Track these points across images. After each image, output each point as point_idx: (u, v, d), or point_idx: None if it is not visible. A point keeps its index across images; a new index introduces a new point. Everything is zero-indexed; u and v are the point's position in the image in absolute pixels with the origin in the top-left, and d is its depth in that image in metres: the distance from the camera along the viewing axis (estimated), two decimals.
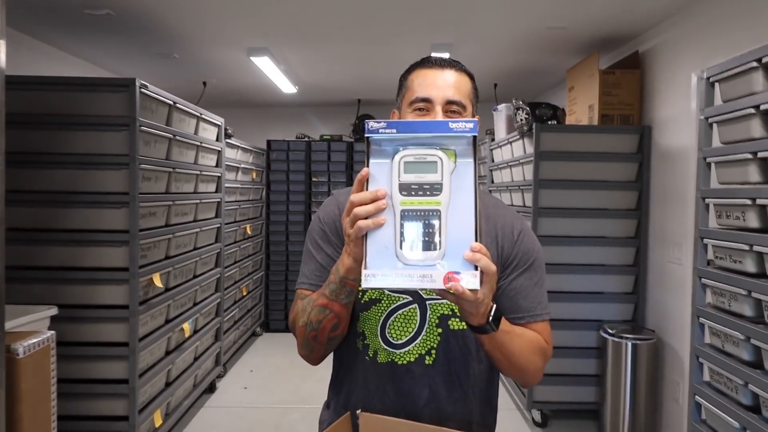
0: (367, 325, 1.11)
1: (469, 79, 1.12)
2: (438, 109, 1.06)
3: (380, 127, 0.85)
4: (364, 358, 1.11)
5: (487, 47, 3.67)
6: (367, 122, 0.85)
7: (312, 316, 1.03)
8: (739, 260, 1.77)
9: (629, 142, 3.19)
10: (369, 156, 0.86)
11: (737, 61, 1.76)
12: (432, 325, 1.09)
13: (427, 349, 1.09)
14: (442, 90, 1.07)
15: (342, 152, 5.50)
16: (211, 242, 3.62)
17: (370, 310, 1.10)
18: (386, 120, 0.86)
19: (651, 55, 3.21)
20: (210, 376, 3.66)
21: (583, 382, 3.22)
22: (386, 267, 0.82)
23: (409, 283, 0.82)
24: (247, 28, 3.31)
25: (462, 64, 1.13)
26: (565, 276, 3.20)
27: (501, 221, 1.13)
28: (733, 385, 1.77)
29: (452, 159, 0.84)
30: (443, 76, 1.09)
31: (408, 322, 1.09)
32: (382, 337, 1.10)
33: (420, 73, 1.11)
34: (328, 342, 1.06)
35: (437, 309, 1.09)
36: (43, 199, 2.47)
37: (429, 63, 1.11)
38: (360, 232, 0.84)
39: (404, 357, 1.09)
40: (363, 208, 0.83)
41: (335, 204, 1.16)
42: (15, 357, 1.73)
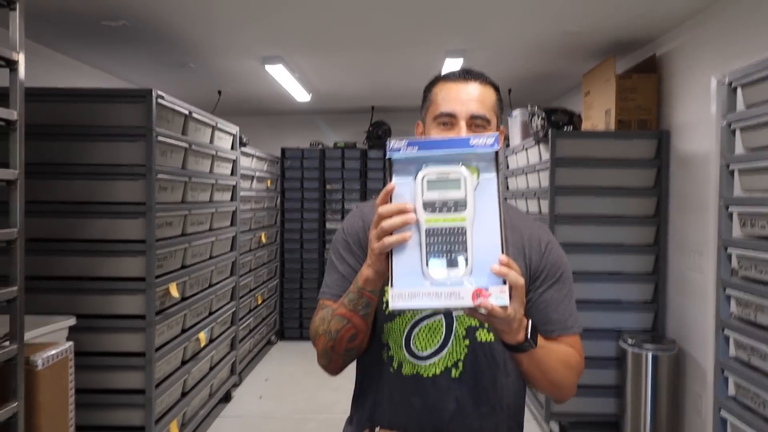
0: (391, 336, 1.09)
1: (493, 90, 1.12)
2: (462, 124, 1.06)
3: (401, 146, 0.85)
4: (388, 370, 1.10)
5: (501, 52, 3.65)
6: (388, 142, 0.86)
7: (331, 325, 1.02)
8: (766, 270, 1.73)
9: (647, 148, 3.14)
10: (392, 175, 0.86)
11: (761, 65, 1.72)
12: (459, 337, 1.07)
13: (453, 361, 1.07)
14: (465, 104, 1.07)
15: (356, 159, 5.50)
16: (227, 251, 3.63)
17: (394, 320, 1.09)
18: (407, 138, 0.85)
19: (668, 59, 3.16)
20: (225, 386, 3.66)
21: (602, 393, 3.16)
22: (413, 286, 0.82)
23: (437, 302, 0.81)
24: (261, 37, 3.32)
25: (486, 76, 1.12)
26: (583, 284, 3.15)
27: (527, 233, 1.12)
28: (760, 401, 1.72)
29: (475, 174, 0.84)
30: (467, 90, 1.08)
31: (434, 334, 1.08)
32: (407, 349, 1.08)
33: (444, 86, 1.10)
34: (346, 353, 1.04)
35: (464, 320, 1.08)
36: (61, 209, 2.49)
37: (453, 76, 1.11)
38: (385, 248, 0.84)
39: (430, 369, 1.07)
40: (390, 222, 0.83)
41: (360, 216, 1.16)
42: (34, 369, 1.74)
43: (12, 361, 1.60)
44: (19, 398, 1.61)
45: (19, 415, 1.61)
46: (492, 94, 1.11)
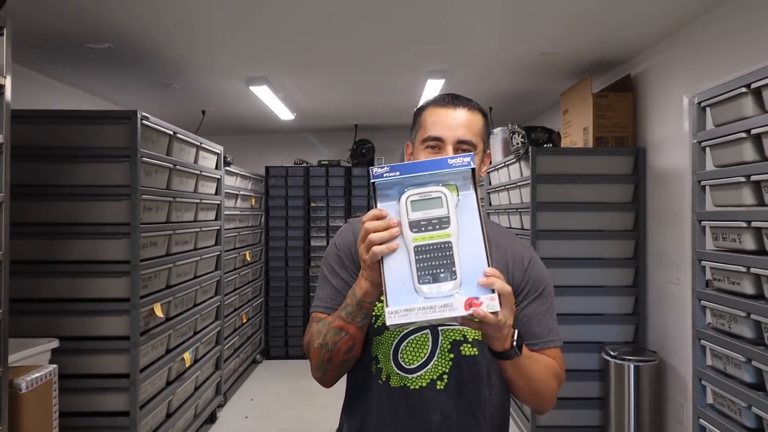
0: (380, 350, 1.13)
1: (481, 116, 1.16)
2: (449, 148, 1.11)
3: (384, 171, 0.90)
4: (377, 381, 1.13)
5: (481, 73, 3.74)
6: (371, 169, 0.91)
7: (328, 338, 1.05)
8: (737, 282, 1.79)
9: (624, 164, 3.23)
10: (376, 200, 0.92)
11: (727, 86, 1.80)
12: (444, 351, 1.11)
13: (438, 374, 1.11)
14: (453, 130, 1.11)
15: (340, 177, 5.54)
16: (211, 270, 3.62)
17: (383, 335, 1.13)
18: (389, 165, 0.91)
19: (643, 78, 3.27)
20: (211, 406, 3.63)
21: (586, 405, 3.20)
22: (407, 303, 0.86)
23: (431, 315, 0.85)
24: (244, 57, 3.37)
25: (474, 103, 1.16)
26: (565, 298, 3.20)
27: (511, 249, 1.17)
28: (736, 408, 1.77)
29: (455, 193, 0.89)
30: (455, 116, 1.12)
31: (420, 348, 1.11)
32: (395, 362, 1.12)
33: (433, 112, 1.15)
34: (342, 364, 1.07)
35: (449, 335, 1.11)
36: (45, 231, 2.48)
37: (443, 101, 1.15)
38: (375, 257, 0.89)
39: (416, 382, 1.11)
40: (377, 235, 0.89)
41: (351, 231, 1.19)
42: (17, 392, 1.72)
43: None
44: (2, 422, 1.60)
45: None
46: (479, 120, 1.15)
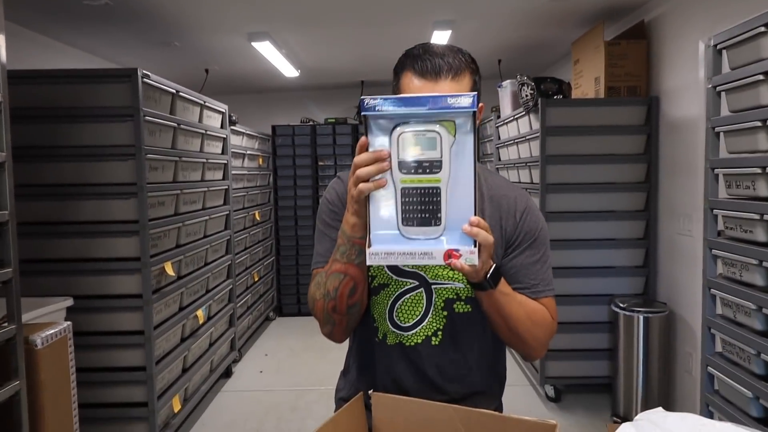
0: (376, 309, 1.14)
1: (469, 77, 1.04)
2: None
3: (376, 104, 0.84)
4: (374, 338, 1.16)
5: (489, 23, 3.62)
6: (362, 99, 0.84)
7: (329, 285, 1.04)
8: (750, 230, 1.76)
9: (637, 114, 3.15)
10: (367, 132, 0.86)
11: (744, 27, 1.72)
12: (438, 308, 1.12)
13: (433, 330, 1.12)
14: None
15: (347, 135, 5.48)
16: (221, 229, 3.64)
17: (379, 294, 1.14)
18: (383, 96, 0.84)
19: (657, 24, 3.15)
20: (225, 362, 3.71)
21: (595, 356, 3.24)
22: (389, 243, 0.85)
23: (410, 260, 0.85)
24: (246, 13, 3.28)
25: (458, 63, 1.03)
26: (575, 251, 3.19)
27: (505, 204, 1.13)
28: (745, 355, 1.77)
29: (452, 132, 0.84)
30: (438, 90, 1.00)
31: (415, 306, 1.12)
32: (390, 321, 1.13)
33: (413, 81, 1.03)
34: (348, 311, 1.06)
35: (442, 293, 1.12)
36: (52, 192, 2.49)
37: (422, 71, 1.02)
38: (362, 194, 0.86)
39: (412, 339, 1.13)
40: (364, 170, 0.85)
41: (341, 184, 1.18)
42: (34, 348, 1.76)
43: (11, 340, 1.62)
44: (20, 377, 1.64)
45: (22, 394, 1.64)
46: (466, 84, 1.04)
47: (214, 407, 3.41)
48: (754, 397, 1.71)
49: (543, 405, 3.31)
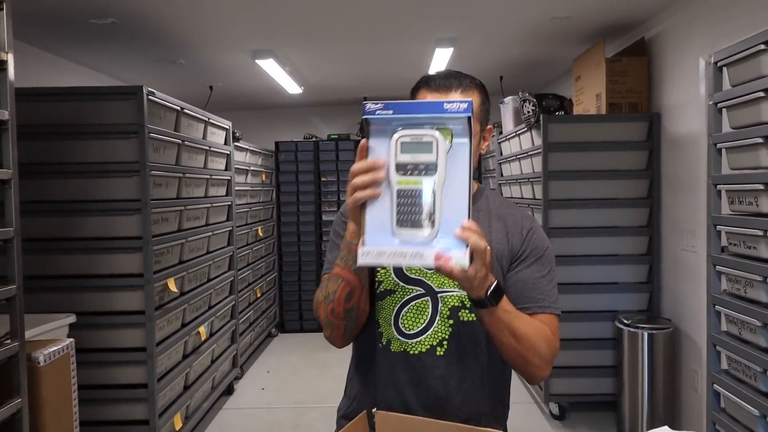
0: (381, 315, 1.15)
1: (477, 94, 1.14)
2: None
3: (377, 108, 0.88)
4: (378, 346, 1.16)
5: (491, 40, 3.65)
6: (365, 104, 0.88)
7: (329, 288, 1.08)
8: (754, 246, 1.75)
9: (638, 130, 3.16)
10: (368, 136, 0.90)
11: (744, 44, 1.74)
12: (443, 317, 1.12)
13: (438, 340, 1.12)
14: None
15: (350, 151, 5.50)
16: (224, 245, 3.65)
17: (384, 300, 1.15)
18: (383, 101, 0.88)
19: (658, 41, 3.17)
20: (228, 378, 3.69)
21: (600, 373, 3.21)
22: (383, 244, 0.86)
23: (401, 261, 0.87)
24: (250, 31, 3.32)
25: (469, 81, 1.14)
26: (578, 267, 3.18)
27: (511, 220, 1.18)
28: (751, 373, 1.76)
29: (448, 138, 0.86)
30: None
31: (420, 314, 1.13)
32: (396, 327, 1.14)
33: (427, 95, 1.14)
34: (346, 314, 1.08)
35: (448, 301, 1.13)
36: (56, 208, 2.50)
37: (434, 85, 1.13)
38: (356, 202, 0.88)
39: (416, 347, 1.13)
40: (360, 179, 0.87)
41: None
42: (36, 365, 1.76)
43: (14, 358, 1.62)
44: (22, 394, 1.63)
45: (24, 411, 1.64)
46: (475, 99, 1.12)
47: (215, 425, 3.38)
48: (761, 416, 1.69)
49: (548, 423, 3.28)
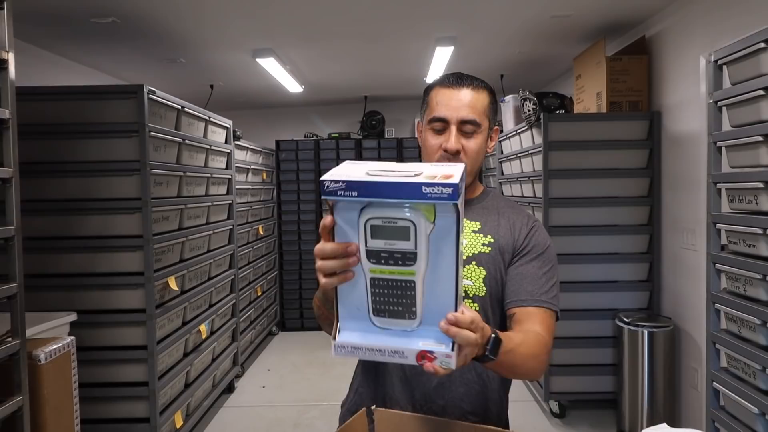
0: None
1: (486, 94, 1.18)
2: (453, 128, 1.14)
3: (339, 188, 0.70)
4: None
5: (491, 39, 3.65)
6: (323, 181, 0.71)
7: (314, 305, 1.10)
8: (753, 244, 1.76)
9: (639, 129, 3.16)
10: (332, 212, 0.74)
11: (744, 42, 1.74)
12: None
13: None
14: (456, 110, 1.14)
15: (351, 150, 5.51)
16: (225, 244, 3.65)
17: None
18: (345, 178, 0.71)
19: (658, 40, 3.17)
20: (228, 377, 3.70)
21: (600, 371, 3.21)
22: (359, 330, 0.77)
23: (380, 357, 0.75)
24: (251, 30, 3.32)
25: (480, 81, 1.18)
26: (578, 266, 3.18)
27: (516, 218, 1.21)
28: (751, 371, 1.76)
29: (430, 217, 0.71)
30: (459, 96, 1.15)
31: None
32: None
33: (439, 92, 1.17)
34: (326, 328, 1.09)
35: None
36: (57, 207, 2.51)
37: (448, 81, 1.17)
38: (326, 287, 0.77)
39: None
40: (328, 264, 0.75)
41: None
42: (37, 363, 1.76)
43: (15, 356, 1.63)
44: (23, 392, 1.64)
45: (25, 409, 1.64)
46: (485, 98, 1.17)
47: (216, 423, 3.39)
48: (760, 413, 1.69)
49: (548, 421, 3.28)
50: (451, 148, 1.13)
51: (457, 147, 1.13)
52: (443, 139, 1.15)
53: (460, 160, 1.12)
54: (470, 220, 1.20)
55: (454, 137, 1.13)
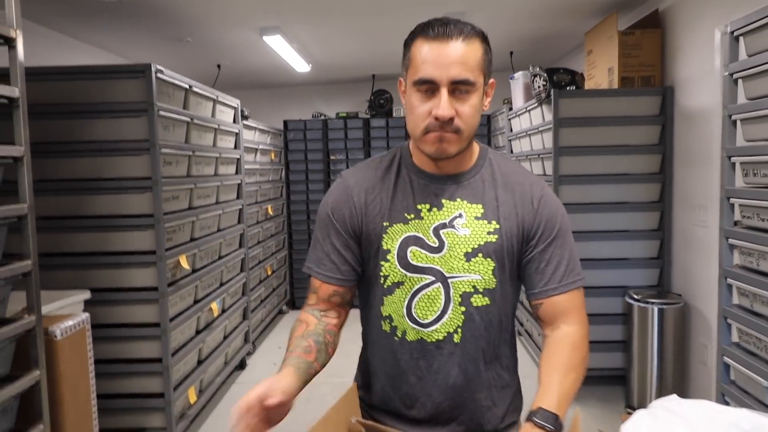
0: (392, 308, 1.11)
1: (479, 43, 1.01)
2: (443, 91, 0.98)
3: None
4: (393, 339, 1.12)
5: (501, 14, 3.59)
6: None
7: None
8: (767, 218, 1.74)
9: (651, 105, 3.12)
10: None
11: (762, 12, 1.70)
12: (456, 303, 1.08)
13: (454, 327, 1.09)
14: (446, 69, 0.98)
15: (359, 129, 5.48)
16: (234, 223, 3.67)
17: (394, 293, 1.10)
18: None
19: (672, 13, 3.10)
20: (240, 354, 3.75)
21: (609, 348, 3.22)
22: None
23: None
24: (257, 7, 3.29)
25: (469, 28, 1.01)
26: (589, 243, 3.17)
27: (519, 190, 1.11)
28: (762, 345, 1.76)
29: None
30: (448, 51, 0.98)
31: (433, 302, 1.08)
32: (409, 317, 1.10)
33: (423, 46, 1.00)
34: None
35: (459, 287, 1.08)
36: (68, 187, 2.52)
37: (433, 34, 1.00)
38: None
39: (433, 335, 1.09)
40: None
41: (343, 190, 1.15)
42: (53, 339, 1.79)
43: (32, 332, 1.66)
44: (40, 367, 1.67)
45: (42, 383, 1.68)
46: (477, 49, 1.01)
47: (229, 398, 3.45)
48: None
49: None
50: (444, 115, 0.98)
51: (450, 113, 0.98)
52: (433, 104, 0.99)
53: (455, 127, 1.00)
54: (471, 202, 1.09)
55: (446, 102, 0.98)
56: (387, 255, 1.09)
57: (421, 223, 1.08)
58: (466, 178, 1.11)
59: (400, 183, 1.12)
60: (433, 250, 1.07)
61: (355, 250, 1.13)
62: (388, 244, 1.09)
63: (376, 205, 1.11)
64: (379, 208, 1.11)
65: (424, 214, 1.09)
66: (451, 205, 1.09)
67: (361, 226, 1.11)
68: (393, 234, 1.09)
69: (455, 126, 1.00)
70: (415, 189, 1.11)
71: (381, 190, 1.12)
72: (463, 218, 1.08)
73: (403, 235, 1.09)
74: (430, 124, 1.01)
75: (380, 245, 1.10)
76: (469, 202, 1.09)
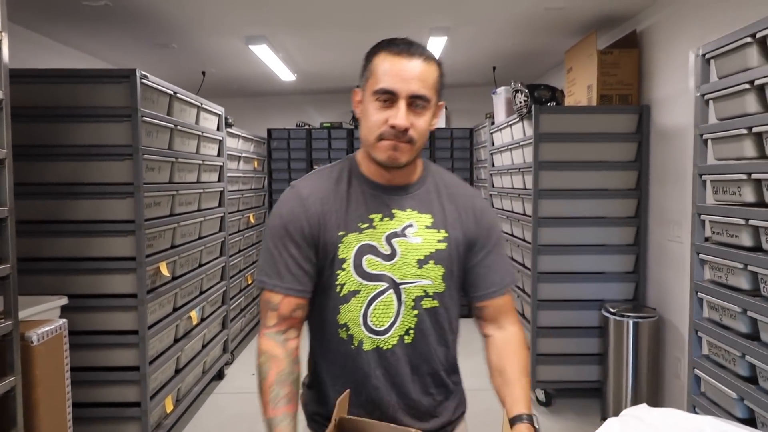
0: (348, 317, 1.13)
1: (436, 67, 1.09)
2: (402, 103, 1.04)
3: None
4: (349, 348, 1.13)
5: (484, 30, 3.67)
6: None
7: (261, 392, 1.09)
8: (736, 234, 1.80)
9: (628, 122, 3.20)
10: None
11: (731, 37, 1.77)
12: (408, 308, 1.12)
13: (405, 329, 1.13)
14: (407, 83, 1.04)
15: (342, 139, 5.51)
16: (216, 231, 3.66)
17: (350, 302, 1.12)
18: None
19: (649, 34, 3.20)
20: (218, 363, 3.72)
21: (585, 361, 3.27)
22: None
23: None
24: (244, 16, 3.31)
25: (429, 52, 1.09)
26: (566, 257, 3.23)
27: (462, 201, 1.19)
28: (731, 358, 1.81)
29: None
30: (409, 67, 1.04)
31: (387, 309, 1.12)
32: (365, 326, 1.12)
33: (386, 59, 1.06)
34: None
35: (411, 292, 1.12)
36: (49, 191, 2.50)
37: (396, 48, 1.06)
38: None
39: (388, 342, 1.12)
40: None
41: (298, 201, 1.14)
42: (29, 344, 1.77)
43: (8, 336, 1.64)
44: (16, 372, 1.65)
45: (17, 389, 1.65)
46: (434, 71, 1.08)
47: (206, 408, 3.42)
48: (739, 398, 1.74)
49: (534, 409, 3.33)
50: (401, 125, 1.03)
51: (407, 124, 1.04)
52: (390, 113, 1.04)
53: (409, 137, 1.06)
54: (421, 212, 1.14)
55: (404, 113, 1.03)
56: (343, 264, 1.11)
57: (374, 232, 1.12)
58: (414, 189, 1.17)
59: (353, 193, 1.15)
60: (385, 258, 1.11)
61: (313, 260, 1.12)
62: (344, 253, 1.11)
63: (332, 215, 1.12)
64: (335, 217, 1.12)
65: (376, 223, 1.12)
66: (402, 214, 1.14)
67: (319, 236, 1.12)
68: (348, 243, 1.11)
69: (409, 136, 1.06)
70: (368, 199, 1.14)
71: (335, 200, 1.14)
72: (414, 227, 1.13)
73: (358, 244, 1.11)
74: (385, 132, 1.05)
75: (336, 254, 1.11)
76: (419, 212, 1.15)
